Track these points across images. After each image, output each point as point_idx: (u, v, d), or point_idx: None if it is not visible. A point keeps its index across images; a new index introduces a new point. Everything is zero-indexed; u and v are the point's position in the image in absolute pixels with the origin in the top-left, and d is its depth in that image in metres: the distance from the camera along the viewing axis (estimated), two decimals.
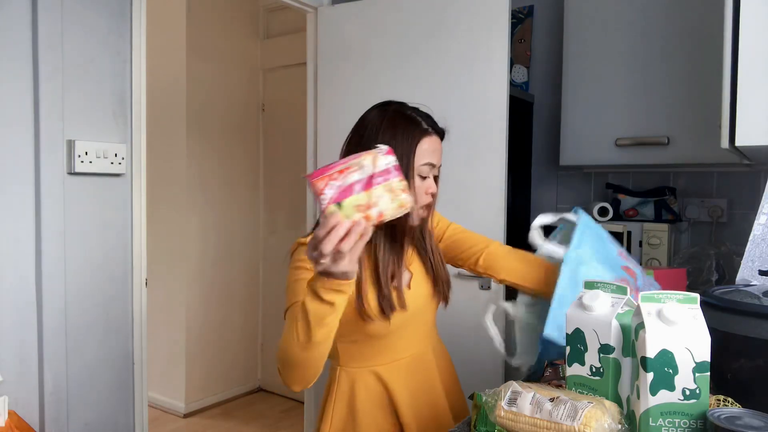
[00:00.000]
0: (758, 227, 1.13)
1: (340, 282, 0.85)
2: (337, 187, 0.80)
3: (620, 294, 0.82)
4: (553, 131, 2.40)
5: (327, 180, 0.80)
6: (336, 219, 0.79)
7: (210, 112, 3.36)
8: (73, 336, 1.75)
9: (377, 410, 1.16)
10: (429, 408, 1.20)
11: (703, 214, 2.12)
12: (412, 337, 1.20)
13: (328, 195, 0.80)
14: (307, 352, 0.92)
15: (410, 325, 1.17)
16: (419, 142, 1.11)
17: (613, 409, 0.74)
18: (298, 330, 0.91)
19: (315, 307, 0.88)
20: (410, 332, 1.19)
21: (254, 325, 3.69)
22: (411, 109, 1.16)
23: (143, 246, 1.94)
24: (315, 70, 2.56)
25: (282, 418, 3.29)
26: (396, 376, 1.17)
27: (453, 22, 2.17)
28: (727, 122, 1.20)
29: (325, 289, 0.86)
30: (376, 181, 0.82)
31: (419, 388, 1.19)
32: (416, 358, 1.21)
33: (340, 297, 0.87)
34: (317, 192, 0.80)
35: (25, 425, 1.57)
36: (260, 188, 3.70)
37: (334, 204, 0.79)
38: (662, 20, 1.91)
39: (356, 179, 0.81)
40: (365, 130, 1.12)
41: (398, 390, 1.16)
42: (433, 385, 1.22)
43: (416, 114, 1.15)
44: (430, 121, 1.15)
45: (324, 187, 0.80)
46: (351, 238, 0.79)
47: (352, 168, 0.81)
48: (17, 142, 1.62)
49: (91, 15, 1.77)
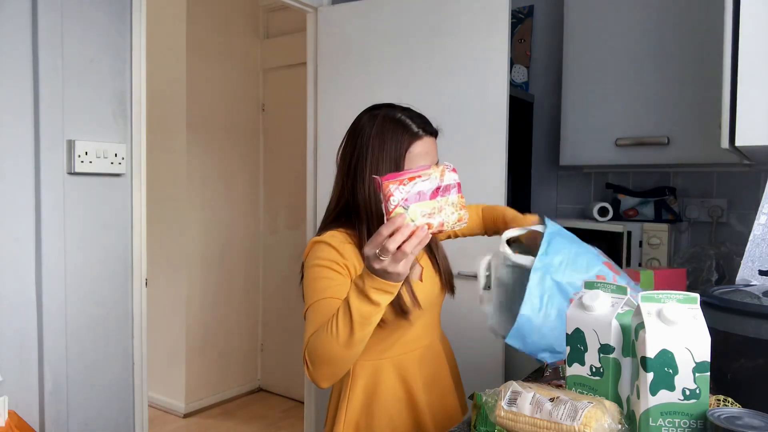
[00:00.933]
0: (758, 227, 1.13)
1: (390, 283, 0.89)
2: (406, 192, 0.86)
3: (620, 294, 0.82)
4: (553, 131, 2.40)
5: (397, 184, 0.86)
6: (402, 220, 0.84)
7: (210, 112, 3.36)
8: (73, 336, 1.75)
9: (394, 400, 1.18)
10: (440, 398, 1.23)
11: (703, 214, 2.12)
12: (424, 329, 1.23)
13: (398, 198, 0.85)
14: (348, 349, 0.95)
15: (422, 316, 1.20)
16: (409, 147, 1.11)
17: (613, 409, 0.74)
18: (339, 328, 0.93)
19: (362, 306, 0.91)
20: (422, 324, 1.22)
21: (254, 325, 3.69)
22: (401, 110, 1.15)
23: (143, 246, 1.94)
24: (315, 70, 2.56)
25: (282, 418, 3.29)
26: (410, 367, 1.20)
27: (453, 22, 2.17)
28: (727, 122, 1.20)
29: (375, 289, 0.89)
30: (441, 193, 0.89)
31: (431, 378, 1.23)
32: (428, 348, 1.24)
33: (387, 298, 0.91)
34: (387, 194, 0.86)
35: (25, 425, 1.57)
36: (260, 188, 3.70)
37: (401, 207, 0.85)
38: (662, 20, 1.91)
39: (423, 188, 0.87)
40: (357, 138, 1.14)
41: (413, 380, 1.19)
42: (443, 375, 1.26)
43: (406, 116, 1.14)
44: (420, 121, 1.15)
45: (394, 190, 0.85)
46: (413, 240, 0.84)
47: (422, 177, 0.88)
48: (17, 142, 1.62)
49: (91, 15, 1.77)
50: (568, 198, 2.43)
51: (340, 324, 0.93)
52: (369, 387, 1.18)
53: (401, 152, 1.11)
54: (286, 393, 3.58)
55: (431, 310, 1.23)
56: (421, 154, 1.12)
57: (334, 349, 0.95)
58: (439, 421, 1.21)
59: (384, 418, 1.17)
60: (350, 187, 1.14)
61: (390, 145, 1.11)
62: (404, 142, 1.11)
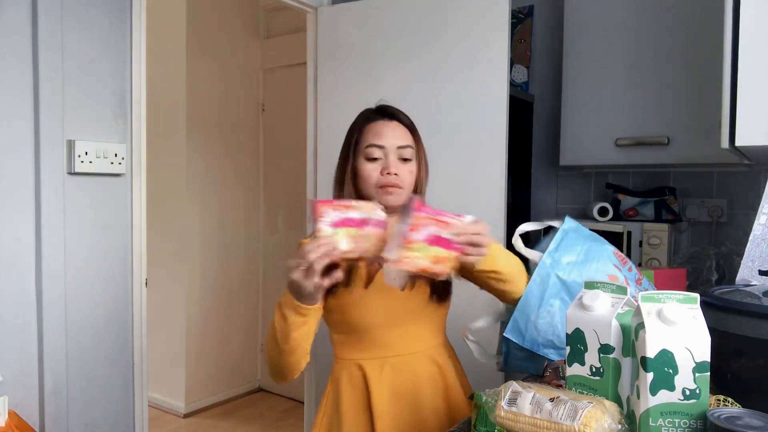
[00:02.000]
0: (758, 227, 1.13)
1: (304, 306, 0.99)
2: (335, 216, 0.94)
3: (620, 294, 0.82)
4: (553, 131, 2.40)
5: (330, 208, 0.94)
6: (326, 239, 0.92)
7: (210, 112, 3.36)
8: (73, 336, 1.75)
9: (356, 403, 1.19)
10: (410, 413, 1.18)
11: (703, 214, 2.12)
12: (401, 339, 1.19)
13: (327, 220, 0.93)
14: (279, 356, 1.08)
15: (399, 323, 1.17)
16: (362, 130, 1.20)
17: (613, 409, 0.74)
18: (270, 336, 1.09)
19: (276, 318, 1.05)
20: (400, 331, 1.18)
21: (254, 325, 3.69)
22: (374, 106, 1.25)
23: (143, 246, 1.94)
24: (315, 70, 2.56)
25: (282, 418, 3.29)
26: (378, 373, 1.17)
27: (453, 22, 2.17)
28: (727, 122, 1.20)
29: (286, 304, 1.02)
30: (370, 225, 0.96)
31: (402, 390, 1.18)
32: (405, 359, 1.19)
33: (292, 314, 1.01)
34: (318, 215, 0.93)
35: (25, 425, 1.57)
36: (260, 188, 3.70)
37: (329, 227, 0.93)
38: (662, 20, 1.91)
39: (352, 216, 0.95)
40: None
41: (377, 386, 1.17)
42: (416, 391, 1.20)
43: (367, 109, 1.24)
44: (377, 107, 1.23)
45: (325, 212, 0.93)
46: (319, 249, 0.92)
47: (354, 208, 0.96)
48: (17, 141, 1.62)
49: (91, 15, 1.77)
50: (568, 198, 2.43)
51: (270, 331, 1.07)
52: (337, 385, 1.22)
53: (353, 136, 1.21)
54: (286, 393, 3.58)
55: (411, 318, 1.19)
56: (372, 133, 1.18)
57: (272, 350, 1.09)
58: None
59: (349, 416, 1.19)
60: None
61: (348, 135, 1.22)
62: (356, 127, 1.22)
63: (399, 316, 1.16)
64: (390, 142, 1.16)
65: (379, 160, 1.16)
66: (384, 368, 1.18)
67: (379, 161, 1.16)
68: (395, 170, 1.15)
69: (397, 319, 1.16)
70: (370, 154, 1.16)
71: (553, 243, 1.08)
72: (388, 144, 1.16)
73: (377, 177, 1.16)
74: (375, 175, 1.16)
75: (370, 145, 1.16)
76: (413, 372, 1.20)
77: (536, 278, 1.06)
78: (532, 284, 1.06)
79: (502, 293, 1.16)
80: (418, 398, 1.20)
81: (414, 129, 1.22)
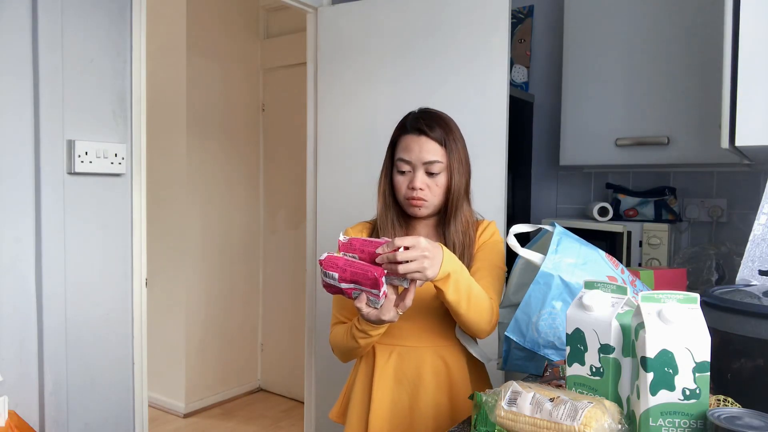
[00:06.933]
0: (758, 227, 1.13)
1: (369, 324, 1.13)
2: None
3: (620, 294, 0.82)
4: (553, 131, 2.40)
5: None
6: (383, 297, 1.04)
7: (210, 111, 3.36)
8: (73, 336, 1.75)
9: (365, 381, 1.28)
10: (409, 399, 1.25)
11: (703, 214, 2.12)
12: (412, 330, 1.25)
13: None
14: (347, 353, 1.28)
15: (410, 317, 1.21)
16: (396, 142, 1.27)
17: (613, 409, 0.74)
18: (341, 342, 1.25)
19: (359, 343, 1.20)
20: (409, 325, 1.24)
21: (254, 325, 3.69)
22: (417, 112, 1.28)
23: (143, 246, 1.94)
24: (315, 70, 2.55)
25: (282, 418, 3.29)
26: (386, 358, 1.26)
27: (453, 22, 2.17)
28: (727, 122, 1.20)
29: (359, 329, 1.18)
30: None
31: (404, 376, 1.25)
32: (413, 349, 1.26)
33: (362, 336, 1.17)
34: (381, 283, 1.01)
35: (25, 425, 1.57)
36: (260, 188, 3.70)
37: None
38: (662, 20, 1.91)
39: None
40: None
41: (381, 369, 1.25)
42: (418, 381, 1.25)
43: (408, 115, 1.27)
44: (412, 117, 1.26)
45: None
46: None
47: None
48: (17, 142, 1.62)
49: (91, 15, 1.77)
50: (568, 198, 2.43)
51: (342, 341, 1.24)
52: (358, 362, 1.34)
53: (390, 148, 1.28)
54: (286, 393, 3.58)
55: (424, 319, 1.25)
56: (401, 147, 1.25)
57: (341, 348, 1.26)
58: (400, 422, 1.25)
59: (354, 397, 1.30)
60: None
61: (390, 140, 1.28)
62: (392, 138, 1.28)
63: (409, 312, 1.18)
64: (416, 157, 1.22)
65: (407, 173, 1.23)
66: (392, 355, 1.26)
67: (407, 174, 1.23)
68: (420, 185, 1.21)
69: (408, 314, 1.18)
70: (400, 167, 1.24)
71: (552, 244, 1.08)
72: (414, 159, 1.22)
73: (405, 190, 1.23)
74: (403, 188, 1.24)
75: (399, 159, 1.24)
76: (418, 362, 1.25)
77: (539, 280, 1.06)
78: (535, 285, 1.06)
79: (461, 324, 1.21)
80: (418, 388, 1.25)
81: (445, 141, 1.24)
